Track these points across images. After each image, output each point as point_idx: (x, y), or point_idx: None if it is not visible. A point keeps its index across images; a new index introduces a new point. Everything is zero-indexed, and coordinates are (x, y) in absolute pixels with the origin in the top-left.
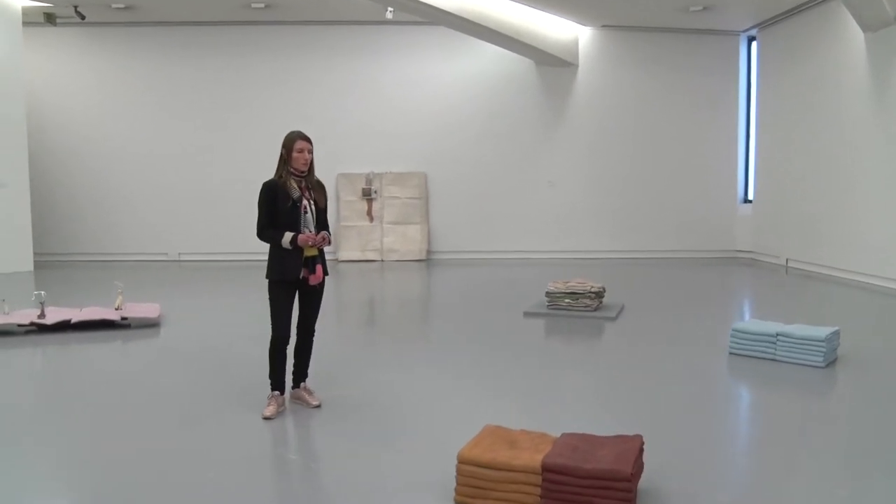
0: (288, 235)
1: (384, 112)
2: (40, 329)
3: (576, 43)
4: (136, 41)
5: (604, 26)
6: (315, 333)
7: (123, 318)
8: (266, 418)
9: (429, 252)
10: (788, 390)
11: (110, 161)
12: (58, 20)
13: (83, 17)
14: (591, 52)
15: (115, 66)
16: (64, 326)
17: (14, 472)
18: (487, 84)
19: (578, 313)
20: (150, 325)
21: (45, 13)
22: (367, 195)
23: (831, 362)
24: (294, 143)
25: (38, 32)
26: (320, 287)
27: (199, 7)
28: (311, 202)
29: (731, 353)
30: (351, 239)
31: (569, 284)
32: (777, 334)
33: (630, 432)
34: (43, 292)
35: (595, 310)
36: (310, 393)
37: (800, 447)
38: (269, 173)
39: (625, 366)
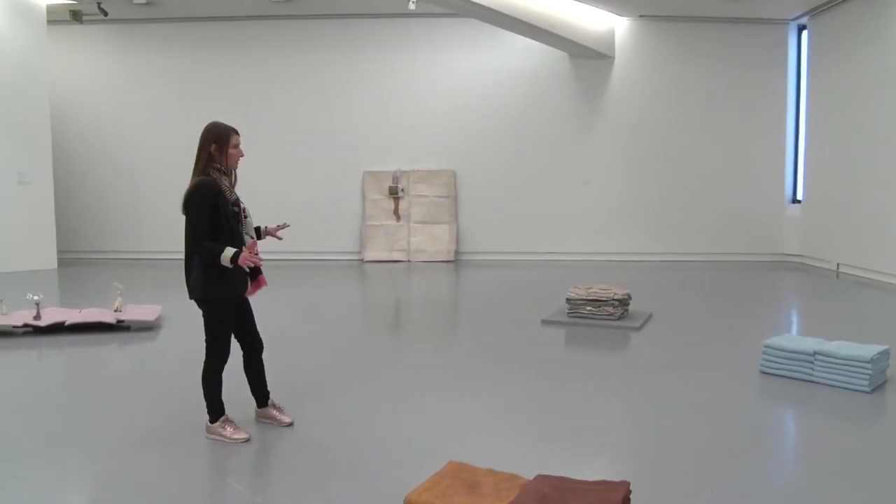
0: (230, 252)
1: (412, 108)
2: (36, 331)
3: (612, 34)
4: (159, 37)
5: (641, 16)
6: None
7: (119, 321)
8: (246, 440)
9: (457, 253)
10: (826, 419)
11: (134, 158)
12: (84, 18)
13: (105, 14)
14: (628, 44)
15: (139, 62)
16: (60, 328)
17: None
18: (519, 78)
19: (600, 322)
20: (149, 327)
21: (70, 11)
22: (394, 193)
23: (878, 386)
24: (230, 137)
25: (62, 30)
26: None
27: (221, 2)
28: (243, 205)
29: (762, 373)
30: (377, 239)
31: (591, 291)
32: (815, 353)
33: (633, 467)
34: (33, 294)
35: (618, 319)
36: (280, 410)
37: (839, 488)
38: (295, 171)
39: (641, 385)
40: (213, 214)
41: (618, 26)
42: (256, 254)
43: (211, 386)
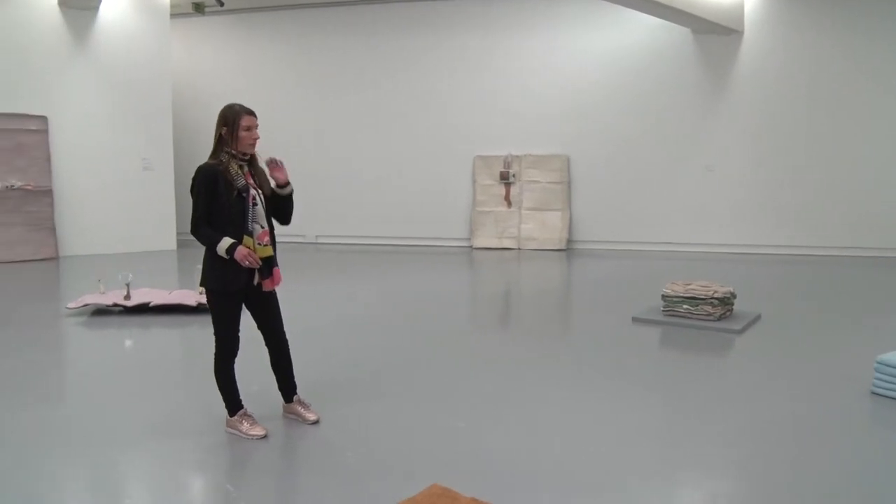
0: (226, 242)
1: (524, 90)
2: (126, 310)
3: (741, 6)
4: (273, 25)
5: None
6: (288, 342)
7: (200, 304)
8: (264, 436)
9: (569, 241)
10: None
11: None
12: (206, 9)
13: (222, 4)
14: (760, 17)
15: (255, 49)
16: (148, 308)
17: None
18: (637, 57)
19: (697, 323)
20: None
21: (193, 3)
22: (505, 179)
23: None
24: (240, 119)
25: (183, 22)
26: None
27: None
28: (259, 191)
29: (873, 394)
30: (487, 225)
31: (689, 287)
32: None
33: None
34: (130, 274)
35: (718, 319)
36: (306, 407)
37: None
38: (405, 155)
39: (725, 400)
40: (211, 200)
41: None
42: (267, 244)
43: (221, 379)
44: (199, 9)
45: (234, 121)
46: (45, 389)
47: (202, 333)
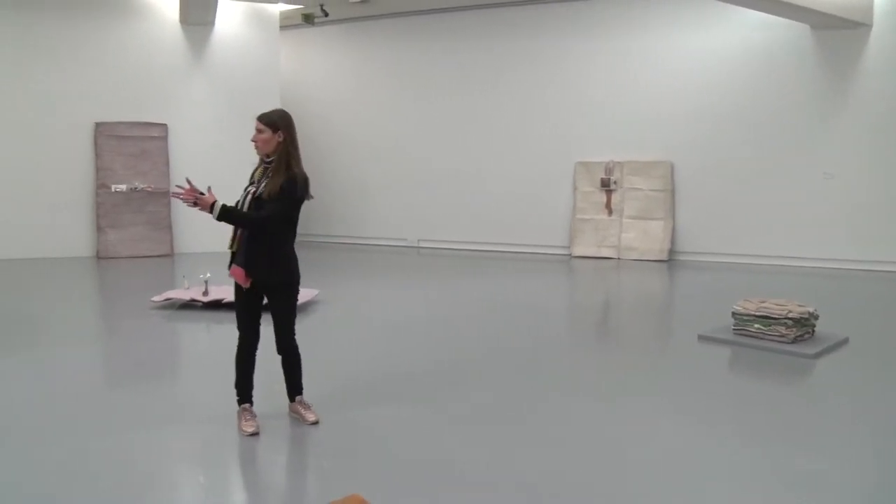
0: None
1: (627, 94)
2: (204, 305)
3: None
4: (376, 33)
5: None
6: (295, 346)
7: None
8: (252, 434)
9: (672, 252)
10: None
11: (357, 150)
12: (315, 19)
13: (326, 14)
14: (892, 8)
15: (359, 58)
16: (223, 304)
17: None
18: (748, 57)
19: (768, 344)
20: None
21: (303, 14)
22: (606, 186)
23: None
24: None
25: (291, 34)
26: (284, 287)
27: None
28: (252, 193)
29: None
30: (586, 233)
31: (762, 305)
32: None
33: None
34: (209, 273)
35: (792, 342)
36: (306, 408)
37: None
38: (505, 160)
39: (770, 438)
40: None
41: None
42: (197, 203)
43: (236, 368)
44: (308, 20)
45: None
46: (91, 375)
47: (266, 331)
